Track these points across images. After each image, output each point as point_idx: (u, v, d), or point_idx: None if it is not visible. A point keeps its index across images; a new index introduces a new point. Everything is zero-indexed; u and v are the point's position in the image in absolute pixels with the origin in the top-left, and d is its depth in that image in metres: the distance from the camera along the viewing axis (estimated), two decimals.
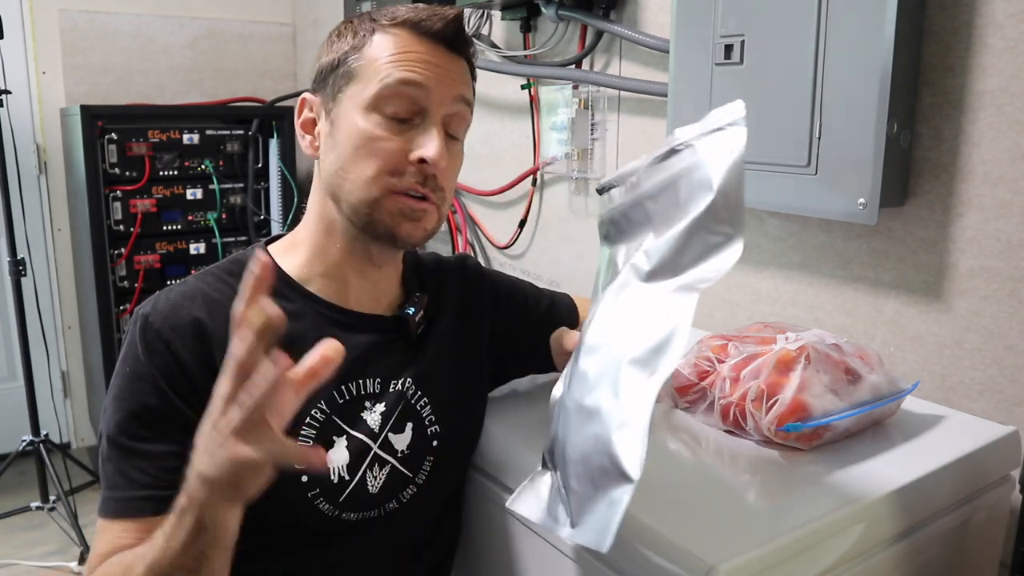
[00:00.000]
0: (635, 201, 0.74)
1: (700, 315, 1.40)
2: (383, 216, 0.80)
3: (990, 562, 0.92)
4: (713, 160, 0.64)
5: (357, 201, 0.80)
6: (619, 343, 0.66)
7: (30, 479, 2.41)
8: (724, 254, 0.61)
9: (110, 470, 0.75)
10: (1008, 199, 0.96)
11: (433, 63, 0.80)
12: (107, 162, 2.36)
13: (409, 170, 0.79)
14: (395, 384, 0.86)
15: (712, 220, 0.62)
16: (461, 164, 0.88)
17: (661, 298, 0.64)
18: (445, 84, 0.81)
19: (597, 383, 0.66)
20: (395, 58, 0.79)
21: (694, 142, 0.67)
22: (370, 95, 0.79)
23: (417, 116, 0.80)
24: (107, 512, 0.75)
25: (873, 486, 0.75)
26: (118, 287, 2.42)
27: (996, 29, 0.95)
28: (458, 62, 0.83)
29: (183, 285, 0.82)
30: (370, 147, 0.79)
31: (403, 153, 0.79)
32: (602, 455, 0.61)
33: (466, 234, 2.01)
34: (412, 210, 0.81)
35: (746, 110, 0.64)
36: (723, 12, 1.13)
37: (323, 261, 0.86)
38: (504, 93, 1.84)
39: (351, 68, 0.81)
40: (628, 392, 0.62)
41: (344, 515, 0.82)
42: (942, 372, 1.05)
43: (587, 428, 0.65)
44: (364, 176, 0.79)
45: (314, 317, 0.84)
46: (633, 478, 0.59)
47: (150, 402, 0.75)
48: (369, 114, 0.80)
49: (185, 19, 2.80)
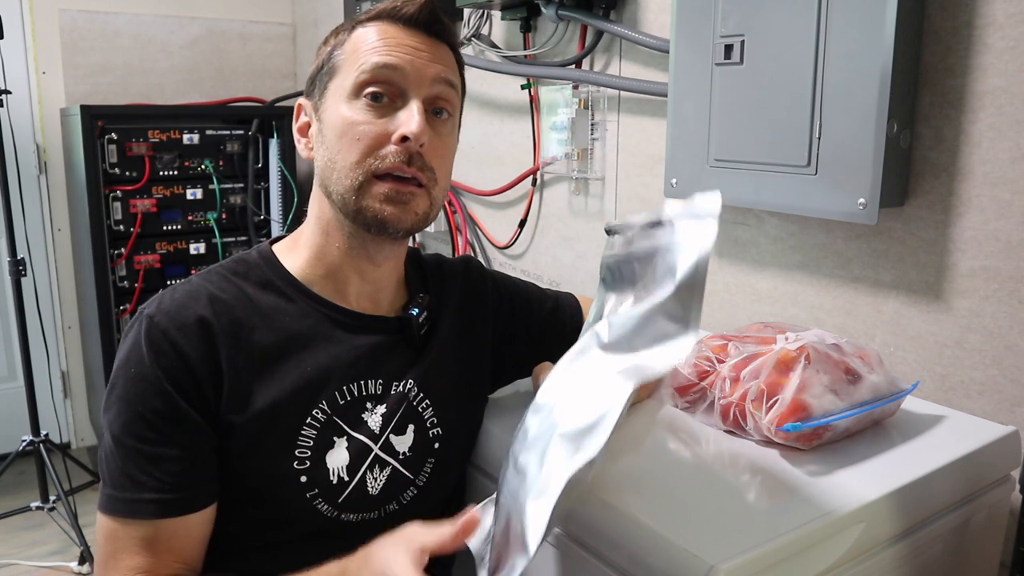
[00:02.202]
0: (627, 258, 0.75)
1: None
2: (369, 201, 0.79)
3: (990, 562, 0.92)
4: (683, 248, 0.64)
5: (344, 189, 0.80)
6: (559, 410, 0.66)
7: (30, 479, 2.41)
8: (674, 344, 0.61)
9: (114, 468, 0.76)
10: (1008, 199, 0.96)
11: (410, 46, 0.81)
12: (107, 162, 2.36)
13: (392, 149, 0.79)
14: (397, 386, 0.86)
15: (670, 308, 0.63)
16: (454, 146, 0.87)
17: (606, 375, 0.65)
18: (423, 65, 0.81)
19: (532, 444, 0.67)
20: (372, 45, 0.80)
21: (676, 222, 0.67)
22: (350, 83, 0.80)
23: (398, 98, 0.80)
24: (111, 511, 0.75)
25: (873, 486, 0.75)
26: (118, 287, 2.42)
27: (996, 29, 0.95)
28: (438, 46, 0.83)
29: (187, 284, 0.82)
30: (353, 132, 0.79)
31: (386, 134, 0.79)
32: (517, 518, 0.62)
33: (466, 234, 2.01)
34: (398, 193, 0.79)
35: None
36: (723, 12, 1.13)
37: (323, 262, 0.86)
38: (504, 93, 1.84)
39: (334, 64, 0.83)
40: (551, 465, 0.62)
41: (343, 516, 0.82)
42: (942, 372, 1.05)
43: (514, 484, 0.66)
44: (349, 162, 0.79)
45: (318, 318, 0.84)
46: (529, 553, 0.59)
47: (156, 405, 0.75)
48: (351, 102, 0.80)
49: (185, 19, 2.80)
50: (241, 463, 0.78)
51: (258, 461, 0.78)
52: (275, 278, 0.85)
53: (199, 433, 0.76)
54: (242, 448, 0.78)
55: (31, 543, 2.28)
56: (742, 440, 0.85)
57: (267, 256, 0.87)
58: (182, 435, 0.76)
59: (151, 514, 0.74)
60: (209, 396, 0.77)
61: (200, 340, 0.77)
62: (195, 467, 0.76)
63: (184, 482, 0.76)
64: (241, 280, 0.84)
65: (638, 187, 1.51)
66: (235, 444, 0.78)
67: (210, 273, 0.84)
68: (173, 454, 0.75)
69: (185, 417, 0.75)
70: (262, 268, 0.85)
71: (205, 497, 0.77)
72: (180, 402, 0.75)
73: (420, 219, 0.82)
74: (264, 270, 0.85)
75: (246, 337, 0.79)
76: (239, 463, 0.78)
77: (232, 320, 0.80)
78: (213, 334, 0.78)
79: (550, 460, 0.63)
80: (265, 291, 0.83)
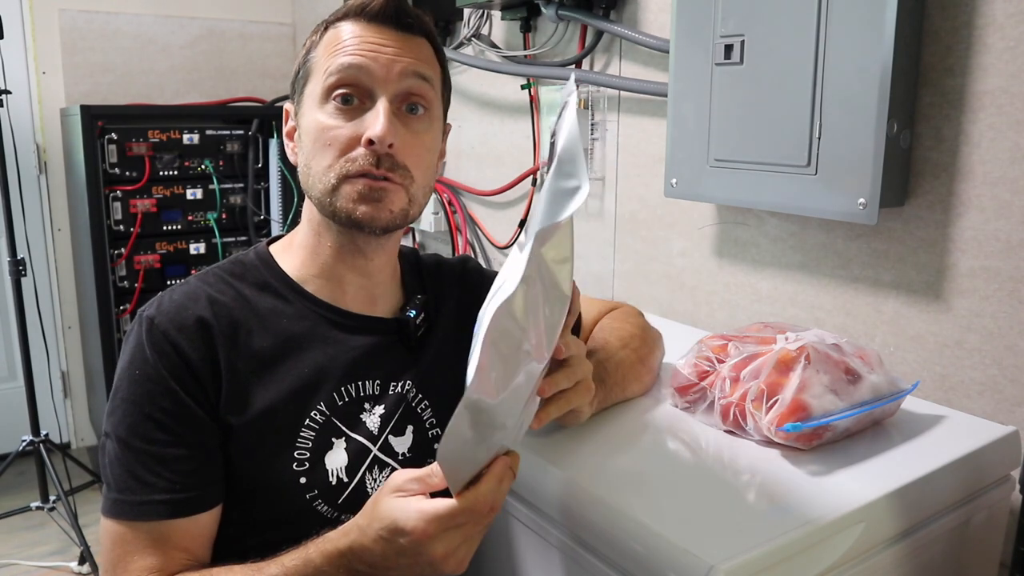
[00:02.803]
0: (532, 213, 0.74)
1: (700, 315, 1.40)
2: (342, 202, 0.79)
3: (990, 562, 0.92)
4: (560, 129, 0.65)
5: (320, 192, 0.80)
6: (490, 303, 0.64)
7: (30, 479, 2.41)
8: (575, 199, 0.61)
9: (119, 472, 0.75)
10: (1008, 199, 0.96)
11: (376, 43, 0.80)
12: (107, 162, 2.36)
13: (361, 152, 0.78)
14: (395, 386, 0.86)
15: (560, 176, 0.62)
16: (433, 142, 0.85)
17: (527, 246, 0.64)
18: (388, 61, 0.79)
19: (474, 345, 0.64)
20: (339, 47, 0.80)
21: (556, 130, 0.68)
22: (320, 88, 0.80)
23: (367, 99, 0.80)
24: (119, 514, 0.75)
25: (873, 486, 0.75)
26: (118, 287, 2.42)
27: (996, 29, 0.95)
28: (408, 39, 0.82)
29: (185, 286, 0.82)
30: (324, 137, 0.79)
31: (355, 138, 0.79)
32: None
33: (466, 234, 2.01)
34: (370, 190, 0.79)
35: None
36: (723, 12, 1.13)
37: (317, 262, 0.86)
38: (504, 93, 1.84)
39: (308, 68, 0.83)
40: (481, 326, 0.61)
41: (343, 516, 0.82)
42: (942, 372, 1.05)
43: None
44: (322, 166, 0.79)
45: (315, 319, 0.84)
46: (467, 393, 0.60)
47: (163, 404, 0.75)
48: (323, 106, 0.80)
49: (185, 19, 2.80)
50: (240, 465, 0.78)
51: (257, 463, 0.78)
52: (272, 279, 0.85)
53: (206, 431, 0.77)
54: (241, 450, 0.78)
55: (31, 543, 2.28)
56: (742, 440, 0.85)
57: (264, 257, 0.87)
58: (191, 434, 0.76)
59: (162, 515, 0.74)
60: (211, 396, 0.77)
61: (200, 341, 0.77)
62: (204, 465, 0.76)
63: (194, 481, 0.76)
64: (238, 282, 0.84)
65: (638, 187, 1.51)
66: (234, 446, 0.78)
67: (207, 275, 0.84)
68: (182, 453, 0.75)
69: (192, 416, 0.76)
70: (259, 269, 0.85)
71: (214, 495, 0.77)
72: (187, 400, 0.75)
73: (398, 216, 0.81)
74: (261, 271, 0.85)
75: (244, 339, 0.80)
76: (238, 465, 0.78)
77: (231, 322, 0.80)
78: (213, 335, 0.78)
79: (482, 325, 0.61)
80: (262, 293, 0.83)
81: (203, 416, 0.76)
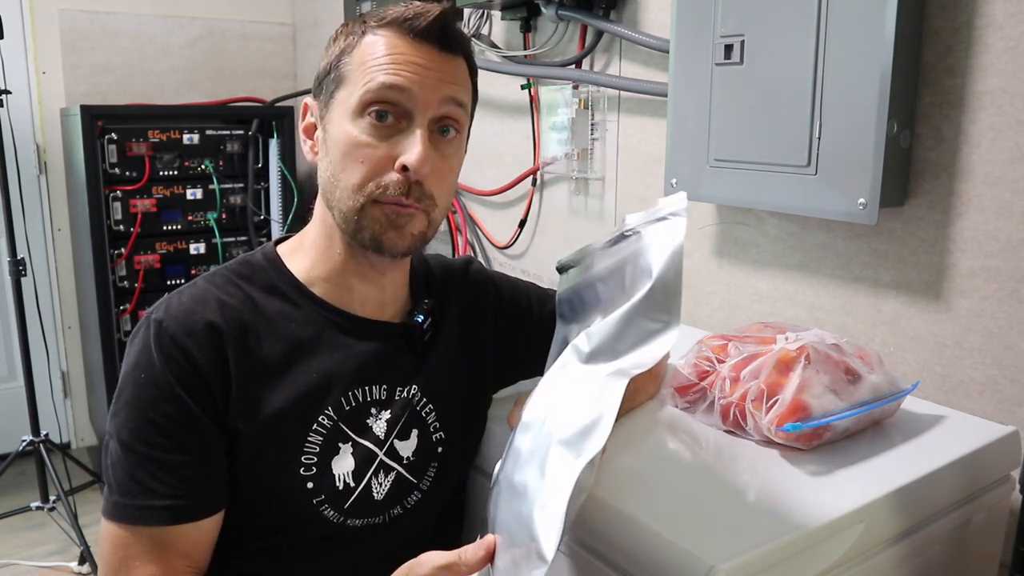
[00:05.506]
0: (588, 282, 0.76)
1: (700, 315, 1.40)
2: (368, 223, 0.78)
3: (990, 562, 0.92)
4: (655, 248, 0.65)
5: (346, 209, 0.79)
6: (551, 422, 0.66)
7: (30, 479, 2.41)
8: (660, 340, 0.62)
9: (121, 475, 0.75)
10: (1008, 199, 0.96)
11: (420, 64, 0.78)
12: (107, 162, 2.36)
13: (393, 179, 0.77)
14: (401, 391, 0.86)
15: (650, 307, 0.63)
16: (458, 164, 0.85)
17: (595, 381, 0.65)
18: (431, 86, 0.77)
19: (528, 461, 0.67)
20: (380, 61, 0.77)
21: (641, 228, 0.68)
22: (356, 101, 0.77)
23: (404, 120, 0.78)
24: (120, 517, 0.75)
25: (873, 486, 0.75)
26: (118, 287, 2.41)
27: (996, 29, 0.95)
28: (450, 61, 0.80)
29: (192, 288, 0.81)
30: (356, 154, 0.77)
31: (389, 159, 0.77)
32: (524, 533, 0.62)
33: (466, 234, 2.01)
34: (397, 215, 0.78)
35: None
36: (723, 12, 1.13)
37: (326, 265, 0.85)
38: (504, 93, 1.84)
39: (341, 72, 0.80)
40: (553, 472, 0.62)
41: (349, 521, 0.82)
42: (942, 372, 1.05)
43: (514, 505, 0.65)
44: (351, 183, 0.78)
45: (322, 323, 0.83)
46: (547, 559, 0.59)
47: (168, 410, 0.74)
48: (356, 120, 0.78)
49: (185, 19, 2.80)
50: (247, 470, 0.78)
51: (264, 468, 0.78)
52: (280, 282, 0.84)
53: (210, 438, 0.76)
54: (248, 455, 0.77)
55: (31, 543, 2.28)
56: (742, 440, 0.85)
57: (272, 258, 0.86)
58: (194, 440, 0.75)
59: (163, 520, 0.74)
60: (219, 401, 0.76)
61: (210, 346, 0.76)
62: (206, 472, 0.76)
63: (196, 488, 0.75)
64: (246, 284, 0.83)
65: (638, 187, 1.51)
66: (241, 451, 0.77)
67: (215, 276, 0.83)
68: (185, 460, 0.75)
69: (197, 422, 0.75)
70: (267, 271, 0.84)
71: (216, 502, 0.77)
72: (192, 407, 0.75)
73: (416, 239, 0.81)
74: (269, 273, 0.84)
75: (253, 344, 0.79)
76: (245, 470, 0.78)
77: (240, 326, 0.79)
78: (223, 339, 0.77)
79: (551, 468, 0.63)
80: (270, 296, 0.82)
81: (208, 422, 0.76)
